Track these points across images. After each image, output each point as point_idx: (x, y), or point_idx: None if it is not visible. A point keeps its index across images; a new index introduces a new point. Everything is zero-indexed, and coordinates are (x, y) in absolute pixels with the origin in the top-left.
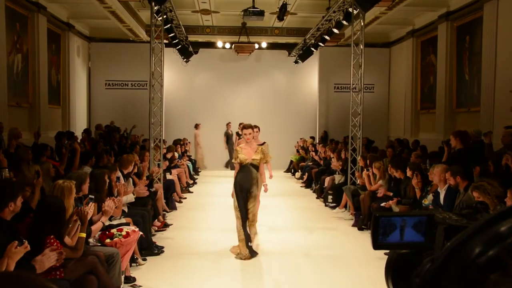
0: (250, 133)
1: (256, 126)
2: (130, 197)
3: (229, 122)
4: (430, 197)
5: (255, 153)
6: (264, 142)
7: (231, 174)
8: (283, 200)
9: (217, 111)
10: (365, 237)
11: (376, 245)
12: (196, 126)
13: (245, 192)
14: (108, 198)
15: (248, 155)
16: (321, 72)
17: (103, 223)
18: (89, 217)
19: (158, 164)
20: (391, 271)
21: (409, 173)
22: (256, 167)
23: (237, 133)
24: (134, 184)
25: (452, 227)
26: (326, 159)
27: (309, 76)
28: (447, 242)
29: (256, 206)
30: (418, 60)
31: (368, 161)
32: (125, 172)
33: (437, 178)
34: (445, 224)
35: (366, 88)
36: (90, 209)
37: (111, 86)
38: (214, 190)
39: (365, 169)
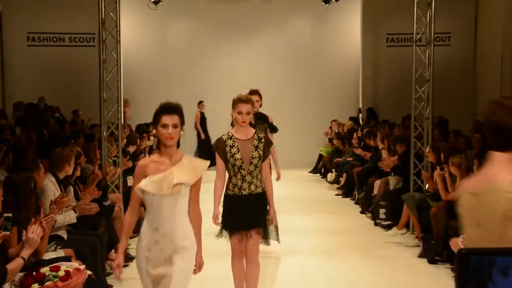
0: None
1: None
2: (71, 216)
3: (202, 101)
4: None
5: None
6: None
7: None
8: (309, 216)
9: (203, 80)
10: (440, 274)
11: None
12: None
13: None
14: (34, 219)
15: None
16: (365, 17)
17: (23, 259)
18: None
19: (115, 162)
20: None
21: None
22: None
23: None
24: (77, 196)
25: None
26: (376, 152)
27: (347, 24)
28: None
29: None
30: None
31: (442, 154)
32: (61, 176)
33: None
34: None
35: (438, 39)
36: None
37: (37, 41)
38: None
39: (437, 168)
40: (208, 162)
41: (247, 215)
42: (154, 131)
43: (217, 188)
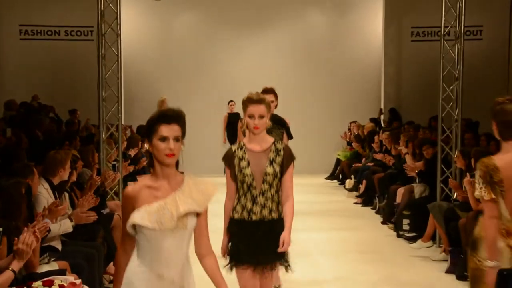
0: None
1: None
2: (66, 225)
3: (232, 101)
4: None
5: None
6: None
7: None
8: (325, 227)
9: (211, 78)
10: None
11: None
12: (162, 104)
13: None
14: (26, 228)
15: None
16: (388, 8)
17: (14, 272)
18: None
19: (114, 167)
20: None
21: None
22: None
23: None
24: (73, 203)
25: None
26: (399, 159)
27: (368, 16)
28: None
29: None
30: None
31: (472, 159)
32: (55, 181)
33: None
34: None
35: (468, 33)
36: None
37: (30, 35)
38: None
39: (467, 174)
40: (216, 186)
41: (258, 247)
42: (146, 145)
43: (227, 212)
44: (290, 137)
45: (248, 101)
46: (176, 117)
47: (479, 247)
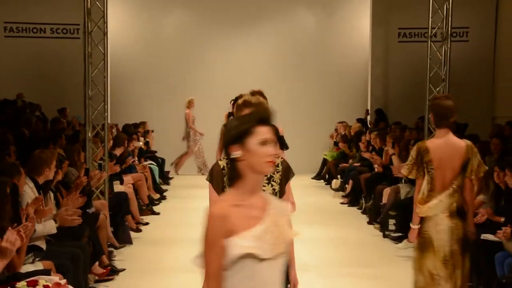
0: None
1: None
2: (50, 226)
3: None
4: None
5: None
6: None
7: None
8: (311, 227)
9: (199, 78)
10: None
11: None
12: (189, 104)
13: None
14: (10, 227)
15: None
16: (376, 9)
17: None
18: None
19: (100, 166)
20: None
21: None
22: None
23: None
24: (58, 202)
25: None
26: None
27: (356, 16)
28: None
29: None
30: None
31: None
32: (40, 180)
33: None
34: None
35: (455, 34)
36: None
37: (15, 32)
38: (195, 206)
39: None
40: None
41: None
42: (237, 152)
43: None
44: (283, 147)
45: (244, 105)
46: (271, 119)
47: (424, 221)
